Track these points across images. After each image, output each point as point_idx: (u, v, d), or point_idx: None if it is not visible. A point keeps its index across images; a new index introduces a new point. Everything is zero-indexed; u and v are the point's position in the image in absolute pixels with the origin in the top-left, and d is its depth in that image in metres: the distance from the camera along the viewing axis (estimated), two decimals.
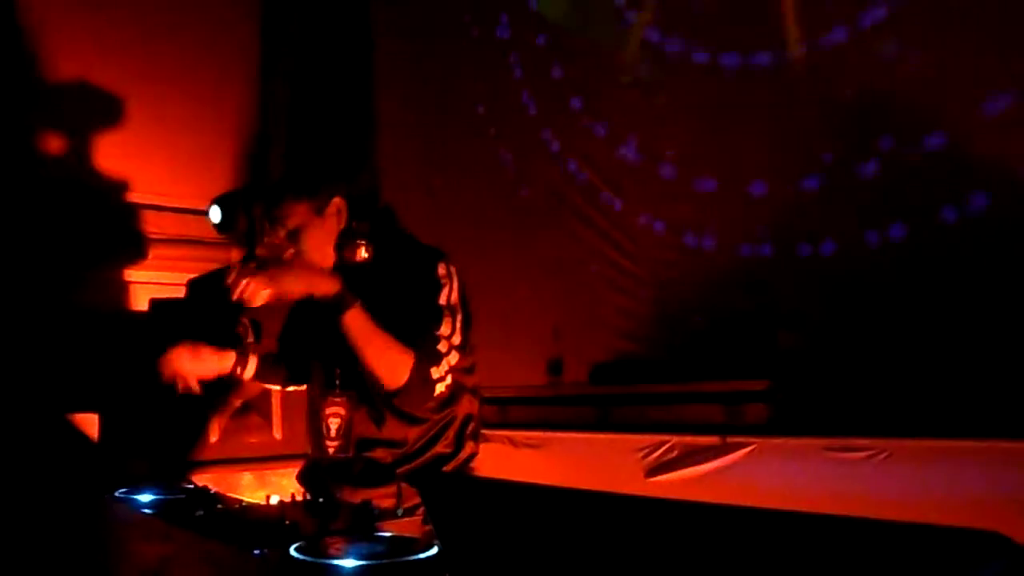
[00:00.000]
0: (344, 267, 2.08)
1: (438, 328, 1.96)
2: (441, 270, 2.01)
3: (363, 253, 2.07)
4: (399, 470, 2.05)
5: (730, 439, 2.60)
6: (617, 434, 2.96)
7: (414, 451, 2.07)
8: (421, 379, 1.94)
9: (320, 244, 2.07)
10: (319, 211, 2.07)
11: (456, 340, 1.98)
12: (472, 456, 2.16)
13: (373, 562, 1.34)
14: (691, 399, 2.83)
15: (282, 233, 2.07)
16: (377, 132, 4.75)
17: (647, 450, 2.79)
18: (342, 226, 2.09)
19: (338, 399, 2.12)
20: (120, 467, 2.67)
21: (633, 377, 3.15)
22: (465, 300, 2.06)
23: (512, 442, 3.14)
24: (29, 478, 2.16)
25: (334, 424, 2.11)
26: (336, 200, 2.08)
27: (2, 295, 3.58)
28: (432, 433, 2.08)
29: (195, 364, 2.26)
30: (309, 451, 2.26)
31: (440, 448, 2.09)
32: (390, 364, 1.93)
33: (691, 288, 3.12)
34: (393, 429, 2.07)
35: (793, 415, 2.57)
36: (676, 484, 2.66)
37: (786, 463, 2.46)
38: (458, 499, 0.93)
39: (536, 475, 3.02)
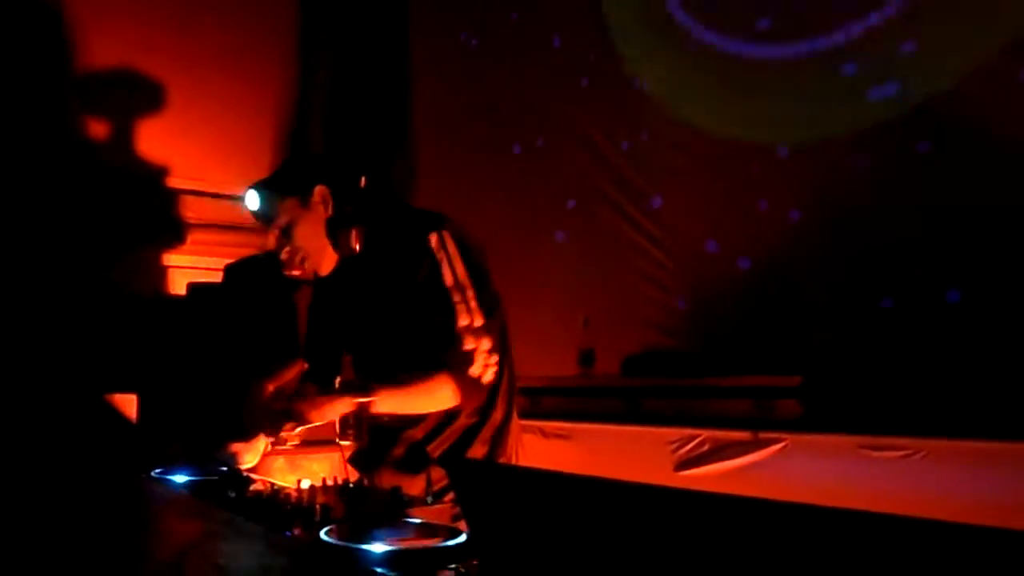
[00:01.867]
0: (346, 256, 2.10)
1: (454, 322, 1.93)
2: (433, 242, 1.98)
3: (354, 238, 2.08)
4: (430, 447, 2.05)
5: (762, 435, 2.58)
6: (648, 427, 2.94)
7: (438, 424, 2.06)
8: (470, 388, 1.94)
9: (312, 235, 2.11)
10: (304, 203, 2.09)
11: (478, 322, 1.95)
12: (505, 421, 2.11)
13: (400, 547, 1.35)
14: (723, 393, 2.81)
15: (275, 233, 2.11)
16: (413, 114, 4.76)
17: (677, 443, 2.77)
18: (329, 214, 2.10)
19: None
20: (158, 447, 2.72)
21: (665, 370, 3.13)
22: (474, 263, 2.02)
23: (543, 432, 3.14)
24: (70, 456, 2.21)
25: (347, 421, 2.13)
26: (318, 189, 2.10)
27: (45, 278, 3.66)
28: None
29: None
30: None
31: (463, 419, 2.07)
32: (437, 401, 1.96)
33: (724, 281, 3.09)
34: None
35: (826, 412, 2.54)
36: (706, 479, 2.64)
37: (818, 460, 2.43)
38: (486, 485, 0.93)
39: (566, 466, 3.02)
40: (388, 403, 1.94)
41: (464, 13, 4.48)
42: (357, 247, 2.09)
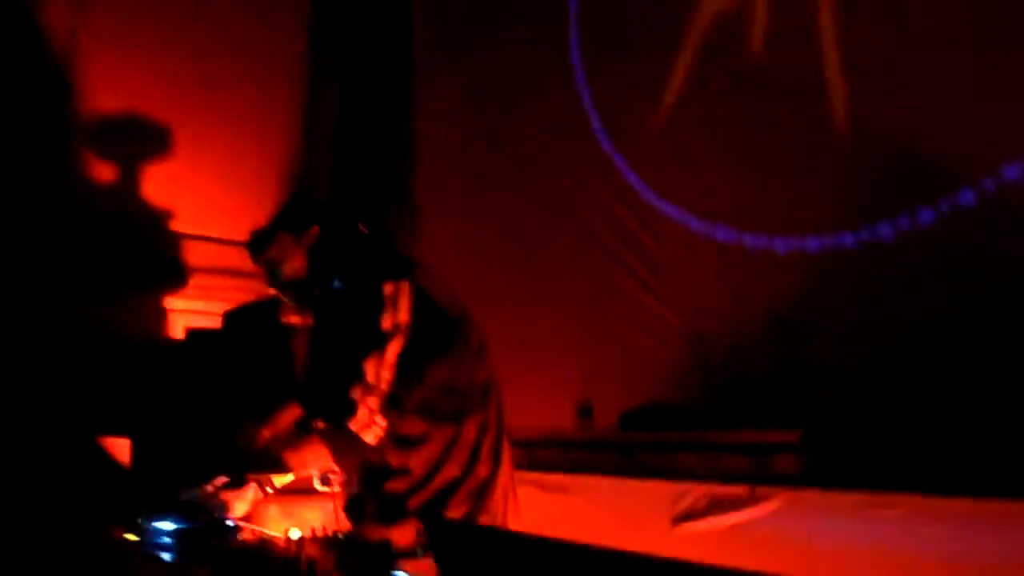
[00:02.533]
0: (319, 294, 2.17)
1: (362, 372, 1.99)
2: (387, 290, 2.04)
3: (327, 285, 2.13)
4: (411, 501, 2.03)
5: (759, 490, 2.54)
6: (646, 480, 2.91)
7: (421, 478, 2.05)
8: (342, 442, 1.98)
9: (297, 269, 2.20)
10: (298, 240, 2.17)
11: (386, 375, 1.98)
12: (491, 477, 2.09)
13: None
14: (721, 448, 2.78)
15: (262, 261, 2.19)
16: (418, 153, 4.79)
17: (675, 498, 2.73)
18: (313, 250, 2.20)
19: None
20: (150, 491, 2.69)
21: (663, 423, 3.11)
22: (426, 318, 2.05)
23: (540, 486, 3.09)
24: (61, 498, 2.19)
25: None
26: (313, 229, 2.18)
27: (44, 320, 3.66)
28: (435, 457, 2.05)
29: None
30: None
31: (449, 471, 2.06)
32: (317, 460, 2.05)
33: (724, 334, 3.08)
34: (393, 457, 2.07)
35: (826, 468, 2.51)
36: (703, 534, 2.60)
37: (817, 517, 2.39)
38: (462, 545, 0.92)
39: (563, 519, 2.97)
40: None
41: (466, 50, 4.53)
42: (334, 287, 2.16)
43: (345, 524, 2.18)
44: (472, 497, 2.08)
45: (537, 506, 3.08)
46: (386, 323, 2.01)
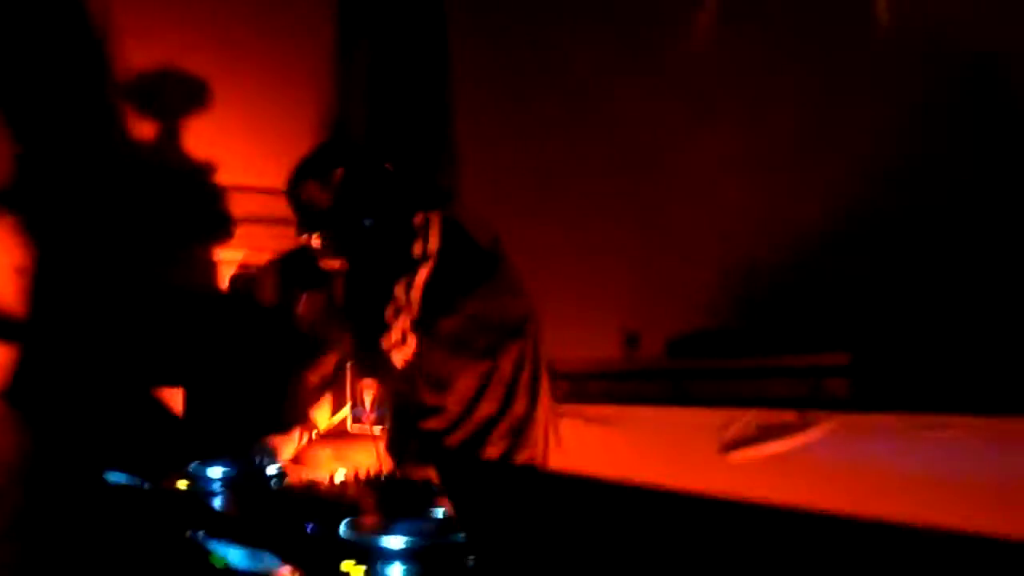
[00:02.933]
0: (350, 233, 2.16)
1: (394, 302, 1.97)
2: (417, 220, 2.03)
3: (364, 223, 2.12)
4: (449, 439, 2.03)
5: (809, 415, 2.48)
6: (693, 409, 2.87)
7: (458, 416, 2.05)
8: (371, 360, 1.97)
9: (328, 213, 2.21)
10: (324, 185, 2.15)
11: (415, 295, 1.98)
12: (529, 413, 2.08)
13: (417, 541, 1.33)
14: (769, 373, 2.72)
15: (295, 210, 2.19)
16: (454, 94, 4.72)
17: (723, 425, 2.69)
18: (343, 195, 2.18)
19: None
20: (203, 440, 2.77)
21: (710, 350, 3.05)
22: (455, 247, 2.04)
23: (585, 417, 3.09)
24: (115, 451, 2.26)
25: (368, 399, 2.16)
26: (338, 171, 2.15)
27: (96, 276, 3.76)
28: (470, 394, 2.04)
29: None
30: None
31: (486, 408, 2.05)
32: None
33: (770, 256, 2.98)
34: (428, 396, 2.07)
35: (877, 390, 2.43)
36: (752, 461, 2.56)
37: (869, 441, 2.32)
38: (474, 481, 0.90)
39: (609, 451, 2.97)
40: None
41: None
42: (365, 226, 2.15)
43: (389, 464, 2.21)
44: (510, 434, 2.07)
45: (584, 439, 3.08)
46: (416, 250, 2.03)
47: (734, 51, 3.23)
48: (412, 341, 1.99)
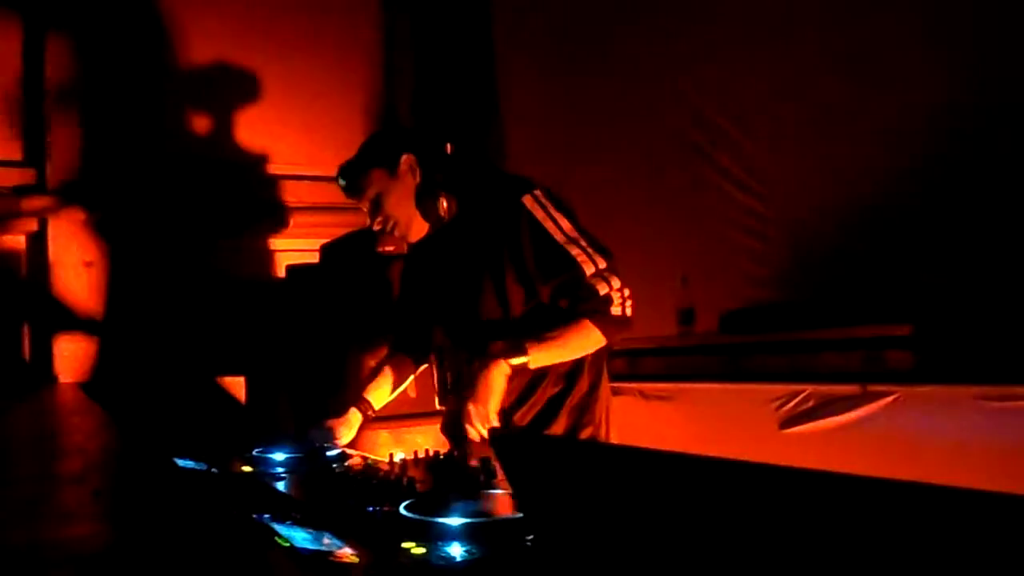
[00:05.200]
0: (436, 224, 2.11)
1: (583, 274, 1.92)
2: (528, 203, 1.96)
3: (444, 205, 2.08)
4: (516, 416, 2.04)
5: (871, 388, 2.43)
6: (750, 384, 2.84)
7: (521, 394, 2.05)
8: (614, 329, 1.94)
9: (402, 204, 2.12)
10: (392, 173, 2.10)
11: (602, 265, 1.94)
12: (592, 390, 2.08)
13: (476, 521, 1.35)
14: (828, 346, 2.67)
15: (366, 205, 2.13)
16: (500, 80, 4.71)
17: (781, 400, 2.66)
18: (417, 181, 2.11)
19: (454, 354, 2.17)
20: (265, 427, 2.83)
21: (766, 324, 3.00)
22: (574, 216, 2.01)
23: (642, 394, 3.08)
24: (184, 437, 2.33)
25: (450, 377, 2.16)
26: (404, 158, 2.11)
27: (158, 269, 3.87)
28: (536, 373, 2.03)
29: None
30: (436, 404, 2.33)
31: (551, 387, 2.05)
32: (588, 344, 1.95)
33: (826, 227, 2.92)
34: None
35: (941, 361, 2.37)
36: (812, 436, 2.52)
37: (933, 414, 2.27)
38: (531, 458, 0.91)
39: (666, 428, 2.97)
40: (542, 357, 1.93)
41: None
42: (446, 214, 2.10)
43: (447, 444, 2.24)
44: (575, 412, 2.07)
45: (641, 415, 3.07)
46: (555, 231, 1.97)
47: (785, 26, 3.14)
48: (628, 292, 1.96)
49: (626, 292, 1.95)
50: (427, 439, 2.74)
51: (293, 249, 4.31)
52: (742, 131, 3.29)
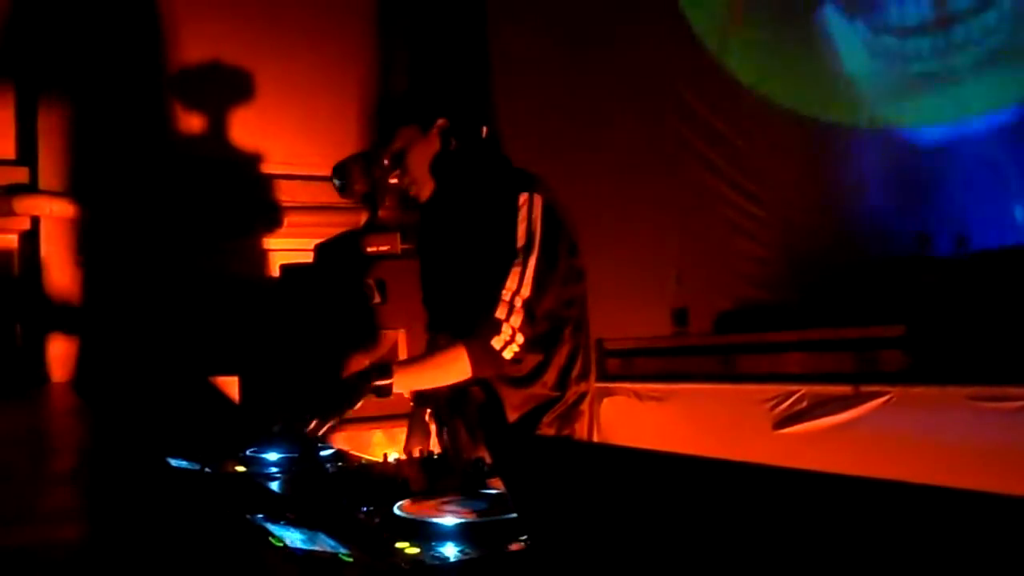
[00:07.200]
0: (434, 198, 2.08)
1: (500, 286, 1.90)
2: (520, 200, 1.94)
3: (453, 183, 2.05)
4: (507, 417, 2.03)
5: (864, 388, 2.44)
6: (744, 384, 2.84)
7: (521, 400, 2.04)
8: (483, 360, 1.91)
9: (420, 165, 2.07)
10: (424, 131, 2.07)
11: (524, 292, 1.91)
12: (580, 398, 2.07)
13: (470, 520, 1.35)
14: (821, 347, 2.67)
15: (386, 158, 2.09)
16: (495, 76, 4.69)
17: (775, 401, 2.67)
18: (438, 148, 2.07)
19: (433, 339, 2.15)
20: (259, 427, 2.82)
21: (760, 325, 3.01)
22: (552, 233, 1.97)
23: (636, 395, 3.08)
24: (176, 437, 2.32)
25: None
26: (440, 121, 2.07)
27: (150, 268, 3.85)
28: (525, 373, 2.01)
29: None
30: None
31: (538, 390, 2.04)
32: (450, 374, 1.94)
33: (819, 228, 2.93)
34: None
35: (933, 362, 2.38)
36: (805, 436, 2.53)
37: (926, 414, 2.28)
38: (525, 458, 0.91)
39: (661, 428, 2.97)
40: (404, 382, 1.94)
41: None
42: (452, 186, 2.07)
43: (440, 444, 2.23)
44: (564, 414, 2.07)
45: (635, 415, 3.07)
46: (521, 237, 1.94)
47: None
48: (522, 339, 1.94)
49: (520, 338, 1.92)
50: (421, 438, 2.74)
51: (287, 248, 4.29)
52: (736, 133, 3.29)
